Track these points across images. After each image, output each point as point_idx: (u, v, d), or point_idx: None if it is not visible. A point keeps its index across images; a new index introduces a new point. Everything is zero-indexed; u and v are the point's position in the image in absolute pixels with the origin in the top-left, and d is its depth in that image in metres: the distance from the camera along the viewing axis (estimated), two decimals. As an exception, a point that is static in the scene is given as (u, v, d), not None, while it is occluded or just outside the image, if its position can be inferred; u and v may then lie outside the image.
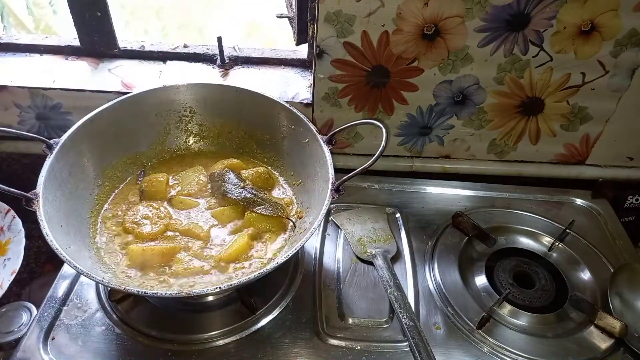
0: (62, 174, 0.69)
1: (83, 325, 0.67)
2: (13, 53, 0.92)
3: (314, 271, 0.77)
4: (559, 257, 0.82)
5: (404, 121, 0.89)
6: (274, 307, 0.71)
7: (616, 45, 0.79)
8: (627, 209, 0.95)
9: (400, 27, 0.77)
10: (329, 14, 0.75)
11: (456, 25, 0.76)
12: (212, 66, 0.93)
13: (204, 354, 0.65)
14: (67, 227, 0.66)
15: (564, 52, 0.80)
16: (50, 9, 1.39)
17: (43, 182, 0.64)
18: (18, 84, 0.85)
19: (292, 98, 0.87)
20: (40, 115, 0.88)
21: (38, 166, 0.66)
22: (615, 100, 0.86)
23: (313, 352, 0.66)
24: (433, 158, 0.95)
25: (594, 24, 0.77)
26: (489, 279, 0.77)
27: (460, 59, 0.80)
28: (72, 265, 0.57)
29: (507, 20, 0.76)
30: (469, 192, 0.93)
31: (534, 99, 0.86)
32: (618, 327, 0.69)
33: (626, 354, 0.69)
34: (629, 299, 0.74)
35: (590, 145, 0.92)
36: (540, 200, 0.92)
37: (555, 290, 0.77)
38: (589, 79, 0.83)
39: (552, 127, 0.90)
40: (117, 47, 0.93)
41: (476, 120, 0.89)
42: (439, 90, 0.84)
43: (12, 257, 0.79)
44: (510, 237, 0.85)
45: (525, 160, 0.95)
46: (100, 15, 0.87)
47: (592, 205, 0.92)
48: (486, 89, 0.84)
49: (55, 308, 0.69)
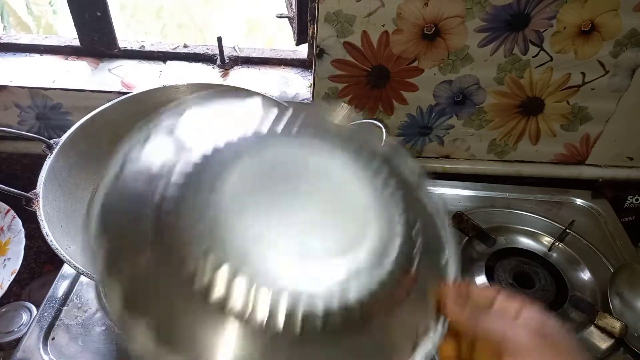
0: (62, 173, 0.69)
1: (83, 325, 0.67)
2: (13, 53, 0.92)
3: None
4: (559, 257, 0.82)
5: (404, 121, 0.89)
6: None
7: (616, 45, 0.79)
8: (627, 209, 0.95)
9: (400, 27, 0.76)
10: (329, 14, 0.75)
11: (456, 25, 0.76)
12: (212, 66, 0.93)
13: (204, 354, 0.65)
14: (67, 227, 0.66)
15: (564, 52, 0.80)
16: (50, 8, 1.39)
17: (43, 182, 0.64)
18: (18, 84, 0.85)
19: (292, 98, 0.87)
20: (40, 115, 0.88)
21: (38, 166, 0.66)
22: (615, 100, 0.86)
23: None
24: (433, 158, 0.95)
25: (594, 24, 0.77)
26: (489, 279, 0.77)
27: (460, 59, 0.80)
28: (72, 265, 0.56)
29: (507, 20, 0.76)
30: (469, 192, 0.93)
31: (534, 99, 0.86)
32: (618, 327, 0.69)
33: (626, 354, 0.69)
34: (629, 299, 0.74)
35: (590, 145, 0.92)
36: (540, 200, 0.92)
37: (555, 290, 0.77)
38: (589, 79, 0.83)
39: (552, 127, 0.90)
40: (117, 47, 0.93)
41: (476, 120, 0.89)
42: (439, 90, 0.84)
43: (12, 257, 0.78)
44: (510, 237, 0.85)
45: (525, 160, 0.95)
46: (100, 15, 0.87)
47: (592, 205, 0.92)
48: (486, 89, 0.84)
49: (55, 308, 0.69)
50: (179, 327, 0.29)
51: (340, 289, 0.30)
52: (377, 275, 0.32)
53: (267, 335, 0.29)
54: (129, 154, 0.37)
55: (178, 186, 0.32)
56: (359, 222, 0.35)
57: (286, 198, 0.34)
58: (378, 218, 0.35)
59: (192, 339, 0.29)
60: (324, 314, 0.30)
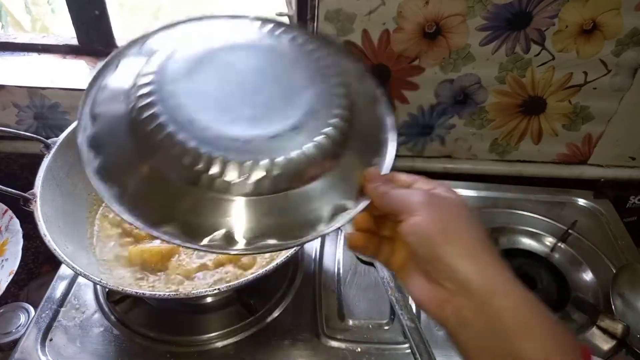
0: (60, 173, 0.68)
1: (81, 326, 0.67)
2: (11, 52, 0.92)
3: (313, 272, 0.76)
4: (561, 258, 0.82)
5: (405, 120, 0.89)
6: (274, 309, 0.70)
7: (618, 45, 0.78)
8: (629, 209, 0.95)
9: (401, 26, 0.76)
10: (329, 12, 0.75)
11: (458, 23, 0.76)
12: (211, 65, 0.93)
13: (203, 356, 0.65)
14: (65, 227, 0.65)
15: (566, 51, 0.79)
16: (48, 7, 1.39)
17: (41, 182, 0.64)
18: (16, 84, 0.85)
19: (292, 97, 0.86)
20: (38, 114, 0.88)
21: (36, 166, 0.66)
22: (617, 100, 0.85)
23: (313, 353, 0.66)
24: (434, 158, 0.95)
25: (595, 23, 0.76)
26: (491, 280, 0.76)
27: (461, 58, 0.80)
28: (70, 265, 0.56)
29: (509, 18, 0.75)
30: (470, 193, 0.93)
31: (535, 98, 0.85)
32: (620, 328, 0.69)
33: (628, 355, 0.68)
34: (631, 300, 0.74)
35: (592, 145, 0.92)
36: (542, 201, 0.92)
37: (557, 291, 0.76)
38: (591, 78, 0.83)
39: (554, 126, 0.89)
40: (115, 47, 0.91)
41: (478, 119, 0.88)
42: (440, 89, 0.84)
43: (10, 257, 0.78)
44: (512, 238, 0.84)
45: (527, 160, 0.95)
46: (98, 14, 0.86)
47: (594, 205, 0.92)
48: (488, 88, 0.84)
49: (53, 309, 0.68)
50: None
51: (270, 159, 0.37)
52: (301, 149, 0.38)
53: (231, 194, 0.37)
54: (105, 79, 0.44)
55: (147, 95, 0.39)
56: (300, 105, 0.41)
57: (241, 88, 0.42)
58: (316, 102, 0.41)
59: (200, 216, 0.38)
60: (268, 177, 0.37)
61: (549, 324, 0.33)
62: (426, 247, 0.36)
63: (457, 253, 0.35)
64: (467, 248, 0.36)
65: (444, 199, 0.38)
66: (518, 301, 0.34)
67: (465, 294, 0.34)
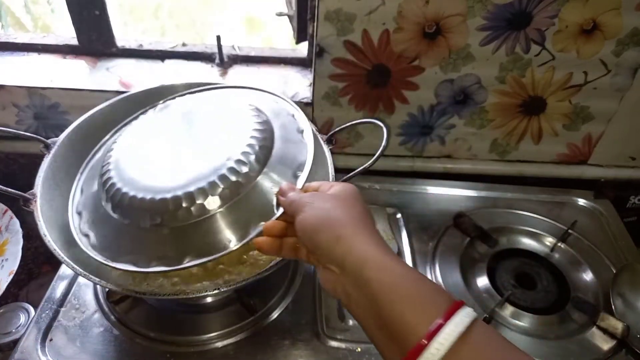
0: (59, 173, 0.68)
1: (81, 326, 0.67)
2: (11, 52, 0.92)
3: (313, 272, 0.76)
4: (561, 258, 0.82)
5: (405, 120, 0.89)
6: (274, 309, 0.70)
7: (618, 44, 0.78)
8: (629, 209, 0.95)
9: (401, 26, 0.76)
10: (329, 12, 0.75)
11: (457, 23, 0.76)
12: (210, 65, 0.93)
13: (203, 356, 0.65)
14: (65, 227, 0.65)
15: (566, 51, 0.79)
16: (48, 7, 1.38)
17: (41, 182, 0.64)
18: (16, 83, 0.85)
19: (292, 97, 0.86)
20: (38, 114, 0.88)
21: (36, 166, 0.65)
22: (617, 100, 0.85)
23: (313, 353, 0.66)
24: (434, 158, 0.95)
25: (595, 23, 0.76)
26: (491, 280, 0.76)
27: (461, 58, 0.80)
28: (70, 266, 0.56)
29: (509, 18, 0.75)
30: (470, 193, 0.93)
31: (535, 98, 0.85)
32: (620, 328, 0.69)
33: (628, 355, 0.68)
34: (631, 300, 0.74)
35: (592, 145, 0.92)
36: (542, 201, 0.92)
37: (557, 291, 0.76)
38: (591, 78, 0.82)
39: (554, 126, 0.89)
40: (115, 46, 0.92)
41: (478, 119, 0.88)
42: (440, 89, 0.84)
43: (10, 257, 0.78)
44: (512, 238, 0.84)
45: (527, 160, 0.95)
46: (98, 14, 0.86)
47: (594, 205, 0.92)
48: (488, 88, 0.84)
49: (53, 309, 0.68)
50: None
51: (197, 188, 0.53)
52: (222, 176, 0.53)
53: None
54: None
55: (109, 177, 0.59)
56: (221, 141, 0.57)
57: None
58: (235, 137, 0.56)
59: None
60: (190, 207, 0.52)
61: (416, 288, 0.37)
62: (308, 239, 0.42)
63: (332, 239, 0.40)
64: (343, 233, 0.40)
65: (331, 194, 0.45)
66: (384, 270, 0.38)
67: (344, 272, 0.39)
